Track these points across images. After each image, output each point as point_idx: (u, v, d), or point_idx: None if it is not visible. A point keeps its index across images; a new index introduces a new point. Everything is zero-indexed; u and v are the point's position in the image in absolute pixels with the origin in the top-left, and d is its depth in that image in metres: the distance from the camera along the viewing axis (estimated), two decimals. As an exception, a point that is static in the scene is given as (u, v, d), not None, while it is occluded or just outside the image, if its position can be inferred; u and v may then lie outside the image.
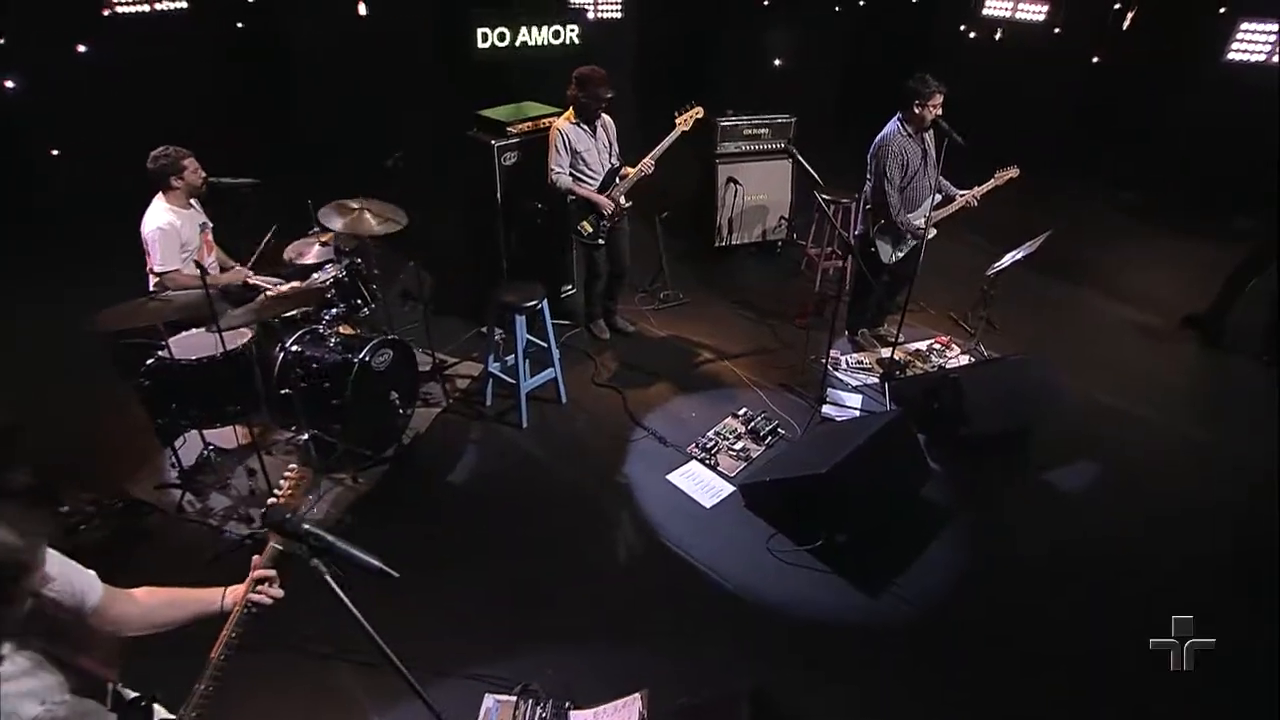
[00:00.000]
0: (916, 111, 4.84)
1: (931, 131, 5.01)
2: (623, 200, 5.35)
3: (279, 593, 1.94)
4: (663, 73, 9.14)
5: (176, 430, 4.05)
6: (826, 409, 5.03)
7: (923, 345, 5.81)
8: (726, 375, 5.38)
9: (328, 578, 1.85)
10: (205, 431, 4.24)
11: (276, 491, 2.04)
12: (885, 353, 5.41)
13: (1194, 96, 8.24)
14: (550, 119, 5.39)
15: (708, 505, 4.28)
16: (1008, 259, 5.36)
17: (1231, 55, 8.08)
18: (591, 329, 5.87)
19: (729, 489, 4.38)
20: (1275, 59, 7.83)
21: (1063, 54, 8.97)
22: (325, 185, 4.84)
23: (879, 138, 5.00)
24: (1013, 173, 5.11)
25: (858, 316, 5.82)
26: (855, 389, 5.28)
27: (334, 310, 4.40)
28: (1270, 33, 7.84)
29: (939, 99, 4.81)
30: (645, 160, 5.16)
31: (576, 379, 5.27)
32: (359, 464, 4.37)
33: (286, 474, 2.09)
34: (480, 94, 5.98)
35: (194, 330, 4.05)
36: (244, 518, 3.97)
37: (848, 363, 5.57)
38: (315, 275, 4.48)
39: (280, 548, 1.96)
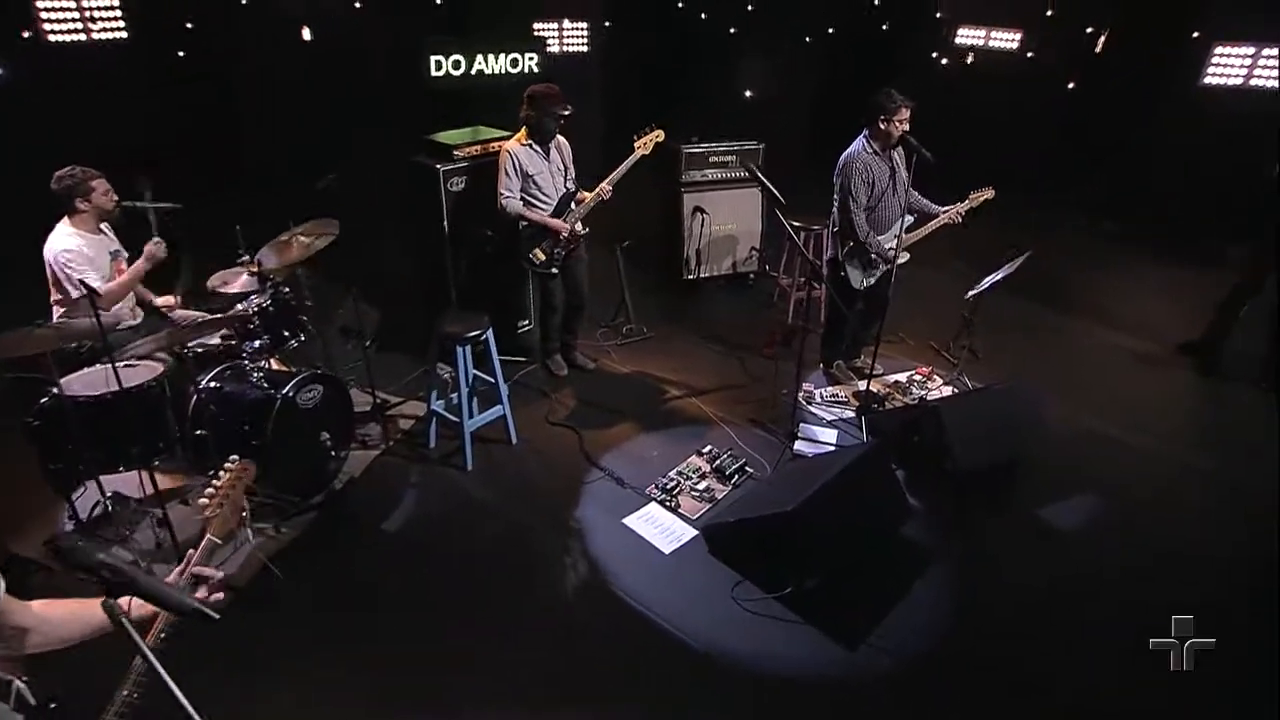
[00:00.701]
0: (882, 127, 4.79)
1: (900, 150, 4.96)
2: (579, 227, 5.25)
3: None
4: (630, 103, 9.19)
5: (72, 477, 3.75)
6: (799, 445, 4.86)
7: (902, 377, 5.68)
8: (692, 412, 5.24)
9: (123, 620, 1.60)
10: (107, 478, 3.94)
11: (212, 488, 1.95)
12: (862, 385, 5.29)
13: (1172, 121, 8.32)
14: (500, 142, 5.26)
15: (666, 550, 4.03)
16: (986, 282, 5.30)
17: (1208, 80, 8.14)
18: (549, 365, 5.71)
19: (690, 533, 4.14)
20: (1254, 82, 7.89)
21: (1038, 80, 9.13)
22: (263, 212, 4.66)
23: (843, 156, 4.95)
24: (987, 193, 5.08)
25: (832, 348, 5.70)
26: (830, 424, 5.13)
27: (257, 343, 4.15)
28: (1245, 56, 7.92)
29: (906, 114, 4.75)
30: (603, 185, 5.08)
31: (530, 418, 5.10)
32: (283, 512, 4.09)
33: (227, 465, 1.99)
34: (436, 123, 5.91)
35: (99, 366, 3.79)
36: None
37: (822, 396, 5.41)
38: (239, 305, 4.24)
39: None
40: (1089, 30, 8.62)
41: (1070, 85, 8.91)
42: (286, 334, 4.31)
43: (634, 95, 9.37)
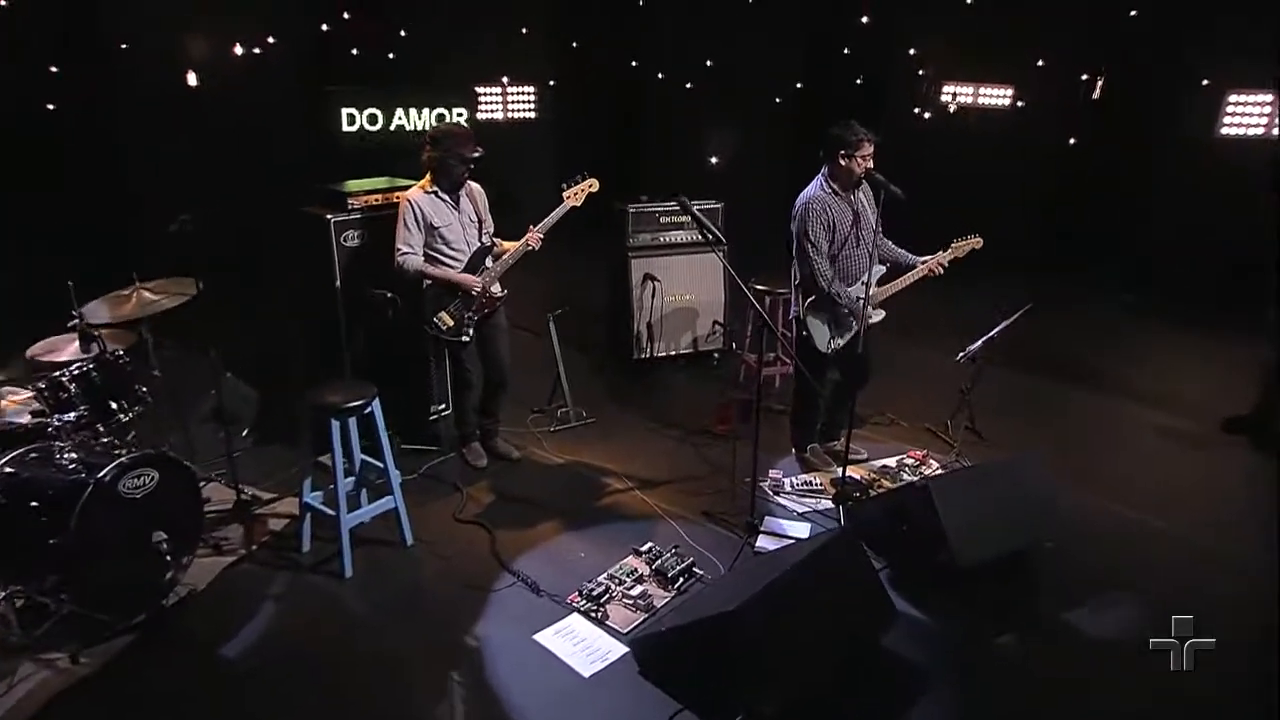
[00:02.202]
0: (843, 164, 4.67)
1: (864, 191, 4.83)
2: (497, 288, 5.05)
3: None
4: (585, 168, 9.20)
5: None
6: (762, 541, 4.48)
7: (891, 461, 5.37)
8: (634, 506, 4.93)
9: None
10: None
11: None
12: (841, 471, 4.88)
13: (1189, 175, 8.29)
14: (403, 193, 5.05)
15: (586, 673, 3.56)
16: (980, 341, 5.14)
17: (1225, 130, 8.15)
18: (465, 454, 5.40)
19: (618, 649, 3.68)
20: (1276, 132, 7.90)
21: (1033, 137, 9.20)
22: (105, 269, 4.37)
23: (800, 198, 4.80)
24: (974, 242, 4.95)
25: (804, 428, 5.39)
26: (802, 515, 4.78)
27: (71, 415, 3.70)
28: (1264, 104, 7.95)
29: (869, 149, 4.62)
30: (530, 234, 4.90)
31: (433, 516, 4.78)
32: (89, 634, 3.55)
33: None
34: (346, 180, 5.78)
35: None
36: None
37: (793, 485, 5.08)
38: (57, 373, 3.82)
39: None
40: (1084, 77, 8.71)
41: (1071, 141, 8.95)
42: (113, 406, 3.86)
43: (587, 160, 9.39)
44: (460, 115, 6.80)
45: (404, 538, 4.45)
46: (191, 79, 6.78)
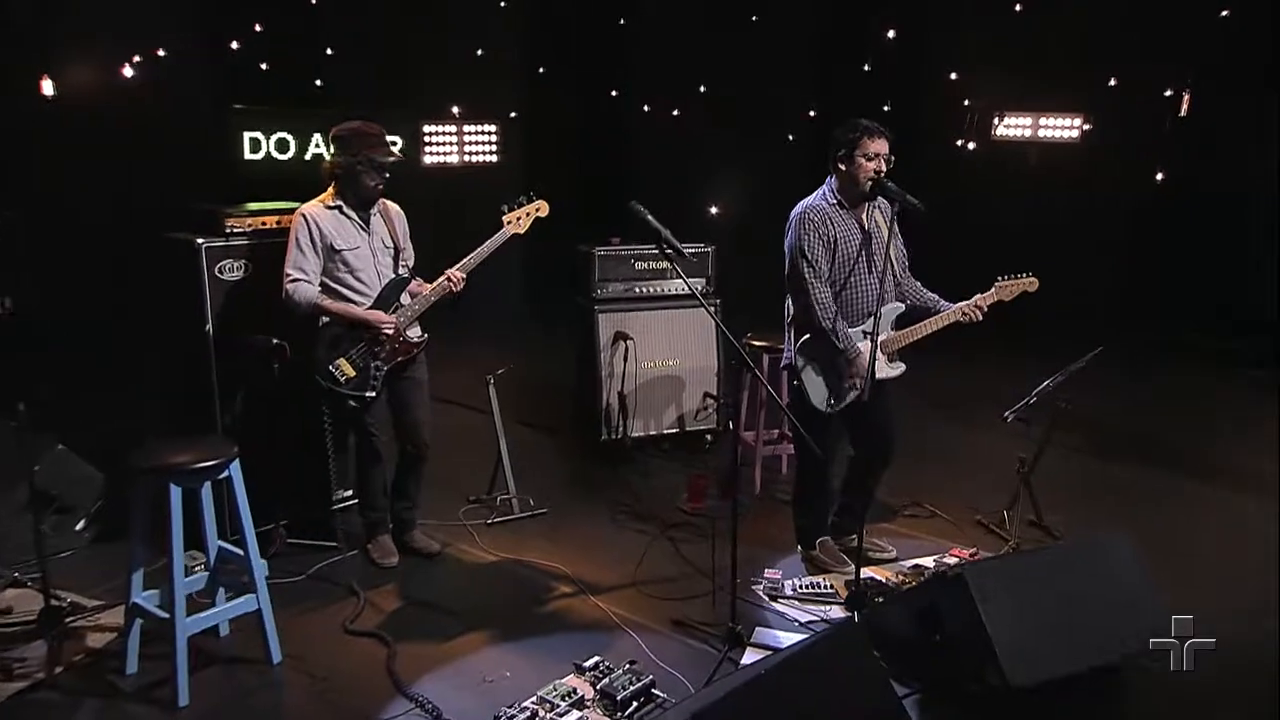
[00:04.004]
0: (843, 168, 4.64)
1: (882, 208, 4.78)
2: (414, 331, 4.91)
3: None
4: (562, 213, 9.23)
5: None
6: (749, 657, 4.16)
7: (928, 561, 5.10)
8: (585, 614, 4.73)
9: None
10: None
11: None
12: (868, 571, 4.76)
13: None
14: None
15: None
16: (1036, 393, 5.07)
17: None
18: (370, 551, 5.16)
19: None
20: None
21: (1108, 173, 9.24)
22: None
23: (797, 207, 4.77)
24: (1028, 283, 4.82)
25: (811, 517, 5.14)
26: (804, 626, 4.50)
27: None
28: None
29: (874, 145, 4.55)
30: (452, 270, 4.83)
31: (317, 625, 4.54)
32: None
33: None
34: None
35: None
36: None
37: (796, 588, 4.79)
38: None
39: None
40: (1167, 94, 8.68)
41: (1160, 177, 8.90)
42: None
43: (558, 208, 9.45)
44: (394, 142, 6.75)
45: (270, 653, 4.13)
46: (47, 87, 6.72)
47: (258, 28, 7.97)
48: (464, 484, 5.89)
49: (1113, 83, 9.13)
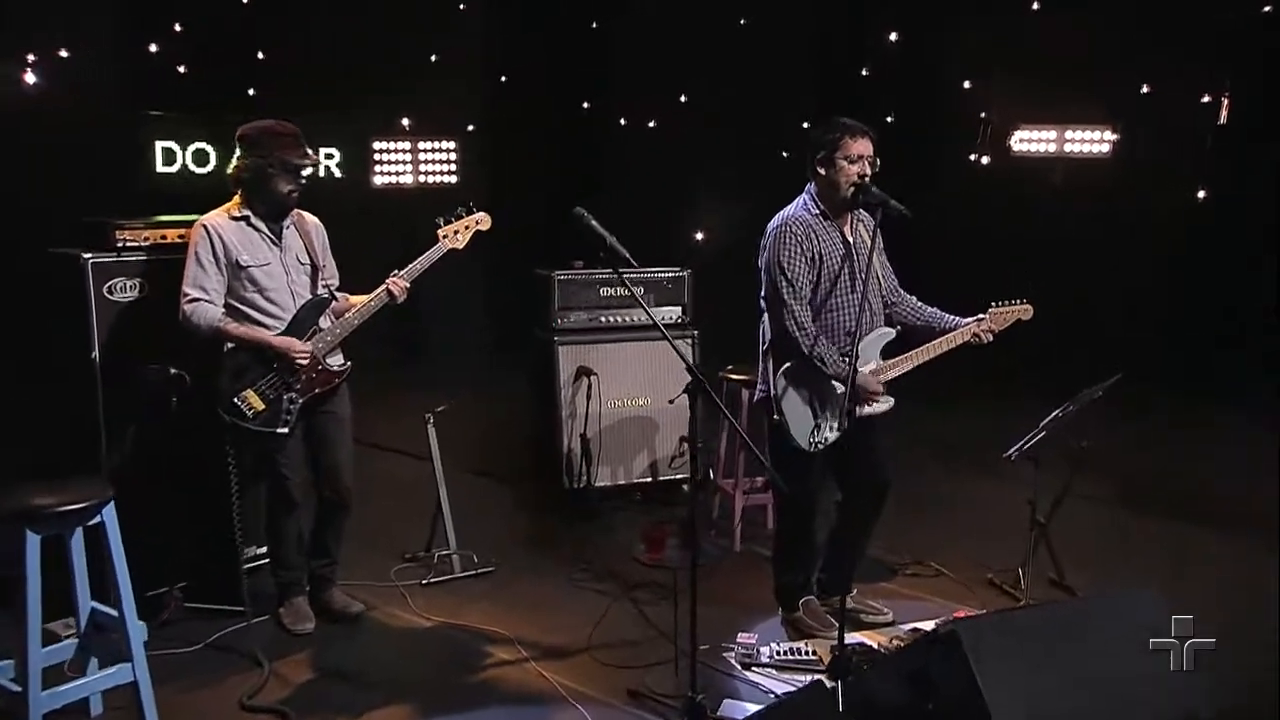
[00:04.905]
0: (822, 172, 4.67)
1: (864, 220, 4.85)
2: (335, 359, 4.89)
3: None
4: (532, 239, 9.38)
5: None
6: None
7: (928, 625, 4.99)
8: (527, 684, 4.73)
9: None
10: None
11: None
12: (854, 635, 4.77)
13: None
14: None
15: None
16: (1043, 425, 5.08)
17: None
18: (282, 615, 5.10)
19: None
20: None
21: (1141, 190, 9.30)
22: None
23: (774, 219, 4.81)
24: (1021, 310, 4.96)
25: (793, 573, 5.13)
26: (780, 698, 4.42)
27: None
28: None
29: (856, 146, 4.59)
30: (389, 281, 4.83)
31: (210, 700, 4.46)
32: None
33: None
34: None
35: None
36: None
37: (773, 654, 4.75)
38: None
39: None
40: (1205, 99, 8.71)
41: (1200, 194, 8.92)
42: None
43: (530, 227, 9.51)
44: (330, 157, 6.73)
45: (146, 729, 4.06)
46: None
47: (178, 27, 8.00)
48: (400, 540, 5.88)
49: (1145, 89, 9.22)
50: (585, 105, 10.71)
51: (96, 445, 4.93)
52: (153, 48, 7.96)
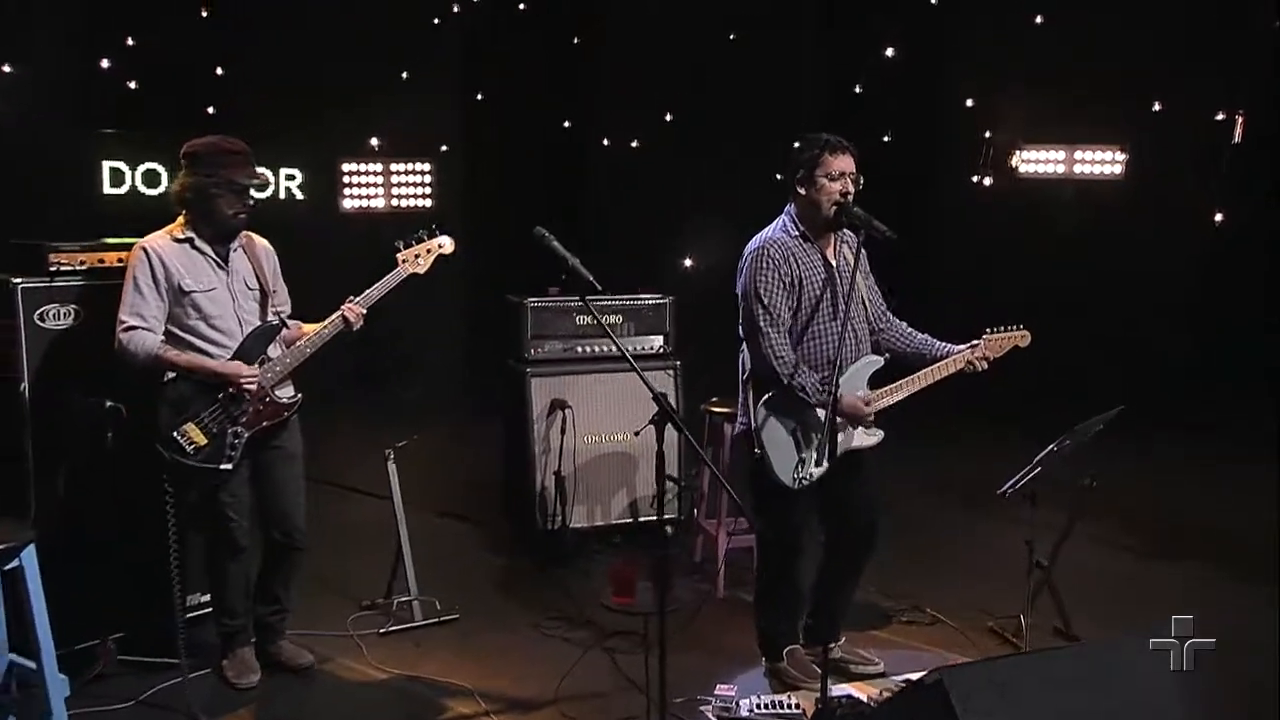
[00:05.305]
0: (802, 192, 4.69)
1: (848, 241, 4.88)
2: (286, 390, 4.87)
3: None
4: (505, 261, 9.32)
5: None
6: None
7: (919, 676, 4.85)
8: None
9: None
10: None
11: None
12: (837, 688, 4.69)
13: None
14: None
15: None
16: (1040, 459, 5.03)
17: None
18: (224, 668, 5.01)
19: None
20: None
21: (1153, 215, 9.31)
22: None
23: (751, 242, 4.83)
24: (1018, 336, 4.96)
25: (776, 619, 5.09)
26: None
27: None
28: None
29: (838, 164, 4.60)
30: (345, 307, 4.84)
31: None
32: None
33: None
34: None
35: None
36: None
37: (754, 708, 4.70)
38: None
39: None
40: (1219, 117, 8.72)
41: (1218, 218, 8.93)
42: None
43: (507, 253, 9.47)
44: (291, 179, 6.69)
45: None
46: None
47: (130, 41, 8.00)
48: (358, 586, 5.85)
49: (1157, 107, 9.25)
50: (566, 125, 10.72)
51: (25, 483, 4.84)
52: (104, 63, 8.00)
